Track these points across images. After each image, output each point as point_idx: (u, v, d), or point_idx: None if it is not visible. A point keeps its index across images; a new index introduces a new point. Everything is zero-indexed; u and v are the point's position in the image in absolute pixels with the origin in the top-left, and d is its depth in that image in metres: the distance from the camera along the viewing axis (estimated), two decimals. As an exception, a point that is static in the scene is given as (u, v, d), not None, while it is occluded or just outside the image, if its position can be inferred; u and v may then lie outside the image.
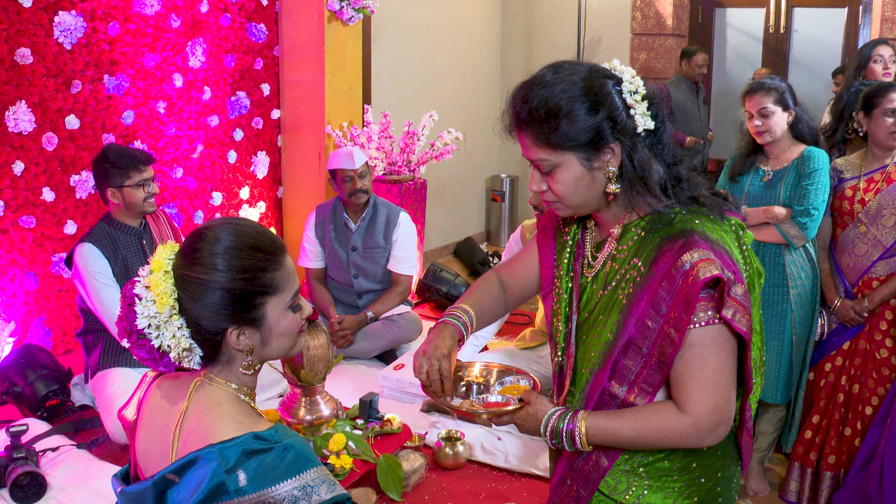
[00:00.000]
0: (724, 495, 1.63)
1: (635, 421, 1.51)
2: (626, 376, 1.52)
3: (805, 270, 3.16)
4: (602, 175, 1.51)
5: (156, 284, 1.33)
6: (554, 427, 1.57)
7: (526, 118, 1.50)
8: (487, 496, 2.80)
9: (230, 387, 1.39)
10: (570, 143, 1.48)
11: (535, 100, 1.48)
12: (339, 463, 2.76)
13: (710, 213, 1.53)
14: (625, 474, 1.58)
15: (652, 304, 1.47)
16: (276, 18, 5.02)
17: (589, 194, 1.54)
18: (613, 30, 6.85)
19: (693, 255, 1.44)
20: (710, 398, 1.47)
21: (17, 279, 3.77)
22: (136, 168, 3.18)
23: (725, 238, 1.51)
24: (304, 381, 2.79)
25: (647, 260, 1.50)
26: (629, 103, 1.49)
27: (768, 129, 3.10)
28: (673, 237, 1.48)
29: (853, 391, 3.14)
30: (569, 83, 1.47)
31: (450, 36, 6.54)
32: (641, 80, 1.51)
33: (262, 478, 1.25)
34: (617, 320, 1.52)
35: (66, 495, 2.71)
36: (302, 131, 5.10)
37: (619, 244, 1.58)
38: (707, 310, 1.44)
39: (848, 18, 6.31)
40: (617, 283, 1.55)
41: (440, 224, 6.55)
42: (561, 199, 1.55)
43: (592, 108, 1.47)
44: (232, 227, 1.38)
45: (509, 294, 1.85)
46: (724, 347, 1.46)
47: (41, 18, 3.71)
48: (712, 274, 1.41)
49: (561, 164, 1.50)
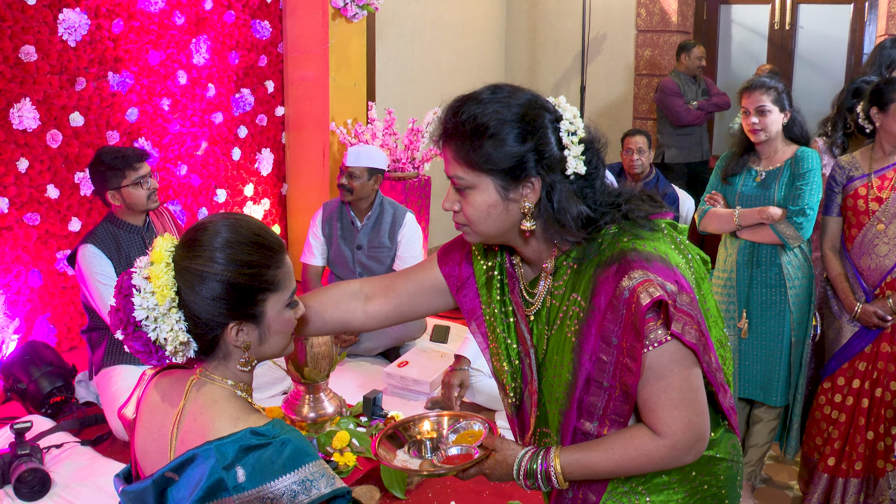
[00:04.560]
0: (730, 497, 1.61)
1: (612, 451, 1.46)
2: (593, 413, 1.48)
3: (802, 270, 3.14)
4: (517, 208, 1.45)
5: (156, 276, 1.32)
6: (527, 469, 1.51)
7: (451, 131, 1.44)
8: (491, 494, 2.80)
9: (227, 383, 1.38)
10: (490, 166, 1.41)
11: (465, 114, 1.42)
12: (343, 460, 2.76)
13: (639, 225, 1.47)
14: (625, 495, 1.55)
15: (601, 338, 1.43)
16: (281, 15, 5.02)
17: (500, 224, 1.47)
18: (618, 26, 6.84)
19: (631, 279, 1.39)
20: (684, 416, 1.43)
21: (21, 276, 3.78)
22: (131, 167, 3.14)
23: (659, 247, 1.45)
24: (308, 378, 2.79)
25: (586, 293, 1.45)
26: (564, 143, 1.42)
27: (764, 128, 3.08)
28: (605, 264, 1.43)
29: (876, 395, 3.05)
30: (504, 105, 1.42)
31: (454, 32, 6.53)
32: (582, 124, 1.45)
33: (261, 473, 1.25)
34: (571, 359, 1.47)
35: (70, 492, 2.72)
36: (306, 128, 5.10)
37: (555, 279, 1.52)
38: (656, 329, 1.39)
39: (854, 14, 6.28)
40: (562, 321, 1.50)
41: (444, 221, 6.53)
42: (470, 223, 1.49)
43: (521, 137, 1.40)
44: (233, 221, 1.38)
45: (373, 306, 1.71)
46: (683, 363, 1.42)
47: (45, 16, 3.72)
48: (653, 297, 1.36)
49: (476, 185, 1.44)
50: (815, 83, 6.32)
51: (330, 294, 1.72)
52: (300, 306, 1.47)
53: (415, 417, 1.73)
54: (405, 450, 1.67)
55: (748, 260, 3.16)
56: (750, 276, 3.16)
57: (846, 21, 6.36)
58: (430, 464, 1.64)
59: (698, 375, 1.45)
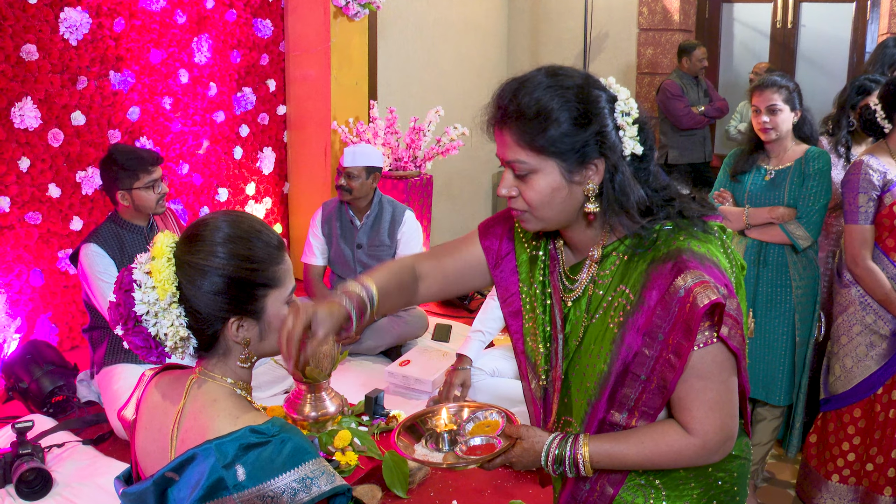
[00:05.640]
0: (741, 493, 1.62)
1: (643, 445, 1.47)
2: (625, 404, 1.48)
3: (808, 271, 3.13)
4: (580, 191, 1.44)
5: (158, 271, 1.32)
6: (557, 454, 1.52)
7: (513, 114, 1.41)
8: (493, 493, 2.80)
9: (226, 381, 1.38)
10: (555, 149, 1.39)
11: (526, 97, 1.40)
12: (345, 459, 2.76)
13: (694, 224, 1.47)
14: (640, 488, 1.56)
15: (647, 332, 1.42)
16: (282, 14, 5.01)
17: (562, 208, 1.45)
18: (620, 25, 6.83)
19: (686, 278, 1.38)
20: (717, 418, 1.45)
21: (23, 275, 3.78)
22: (145, 169, 3.14)
23: (712, 249, 1.45)
24: (310, 377, 2.79)
25: (636, 286, 1.44)
26: (619, 124, 1.42)
27: (775, 127, 3.07)
28: (661, 260, 1.42)
29: None
30: (564, 88, 1.40)
31: (456, 31, 6.53)
32: (635, 104, 1.44)
33: (261, 471, 1.25)
34: (610, 350, 1.47)
35: (71, 491, 2.72)
36: (308, 127, 5.09)
37: (601, 268, 1.51)
38: (705, 330, 1.40)
39: (856, 13, 6.27)
40: (605, 311, 1.49)
41: (446, 220, 6.54)
42: (532, 209, 1.46)
43: (584, 119, 1.39)
44: (234, 217, 1.39)
45: (425, 287, 1.71)
46: (724, 365, 1.43)
47: (47, 14, 3.71)
48: (711, 300, 1.36)
49: (539, 169, 1.42)
50: (816, 82, 6.30)
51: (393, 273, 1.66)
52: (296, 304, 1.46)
53: (432, 409, 1.71)
54: (423, 443, 1.65)
55: (755, 259, 3.16)
56: (756, 275, 3.15)
57: (848, 20, 6.34)
58: (454, 456, 1.61)
59: (735, 379, 1.46)
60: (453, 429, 1.67)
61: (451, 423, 1.68)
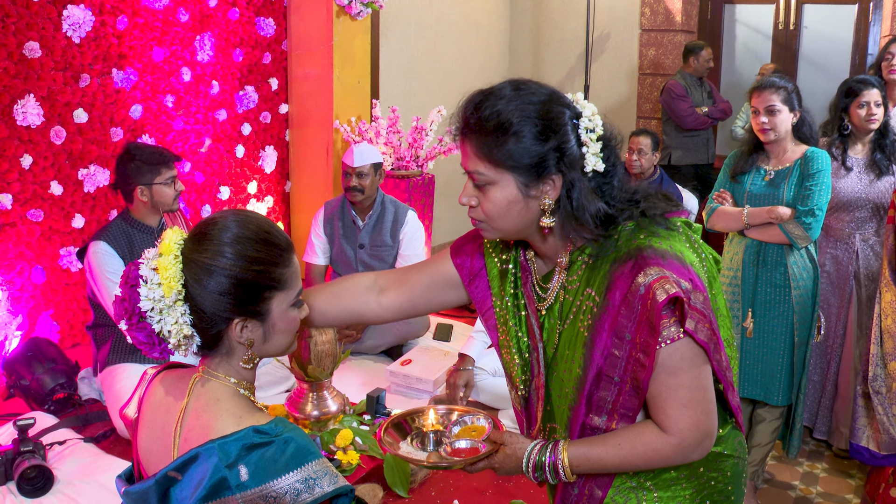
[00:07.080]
0: (736, 493, 1.62)
1: (619, 447, 1.48)
2: (602, 407, 1.48)
3: (807, 271, 3.13)
4: (536, 205, 1.45)
5: (164, 268, 1.32)
6: (536, 461, 1.54)
7: (474, 126, 1.43)
8: (494, 493, 2.80)
9: (229, 381, 1.38)
10: (512, 163, 1.41)
11: (488, 110, 1.41)
12: (346, 459, 2.76)
13: (655, 222, 1.47)
14: (632, 490, 1.56)
15: (615, 333, 1.43)
16: (285, 13, 5.01)
17: (519, 221, 1.47)
18: (622, 25, 6.83)
19: (647, 275, 1.39)
20: (691, 415, 1.44)
21: (24, 273, 3.78)
22: (167, 164, 3.17)
23: (674, 245, 1.45)
24: (312, 376, 2.79)
25: (601, 288, 1.45)
26: (583, 140, 1.42)
27: (773, 127, 3.08)
28: (621, 260, 1.43)
29: None
30: (527, 102, 1.41)
31: (458, 31, 6.53)
32: (601, 121, 1.44)
33: (264, 472, 1.24)
34: (583, 353, 1.48)
35: (72, 489, 2.72)
36: (310, 126, 5.09)
37: (570, 274, 1.52)
38: (670, 326, 1.40)
39: (858, 15, 6.27)
40: (575, 316, 1.50)
41: (448, 219, 6.53)
42: (488, 219, 1.48)
43: (543, 134, 1.40)
44: (242, 217, 1.38)
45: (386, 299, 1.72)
46: (694, 361, 1.42)
47: (49, 12, 3.71)
48: (669, 294, 1.36)
49: (497, 182, 1.43)
50: (818, 83, 6.30)
51: (345, 284, 1.73)
52: (305, 307, 1.47)
53: (420, 409, 1.74)
54: (409, 441, 1.68)
55: (754, 259, 3.16)
56: (755, 275, 3.16)
57: (850, 21, 6.34)
58: (438, 456, 1.63)
59: (708, 374, 1.45)
60: (440, 430, 1.70)
61: (438, 424, 1.71)
